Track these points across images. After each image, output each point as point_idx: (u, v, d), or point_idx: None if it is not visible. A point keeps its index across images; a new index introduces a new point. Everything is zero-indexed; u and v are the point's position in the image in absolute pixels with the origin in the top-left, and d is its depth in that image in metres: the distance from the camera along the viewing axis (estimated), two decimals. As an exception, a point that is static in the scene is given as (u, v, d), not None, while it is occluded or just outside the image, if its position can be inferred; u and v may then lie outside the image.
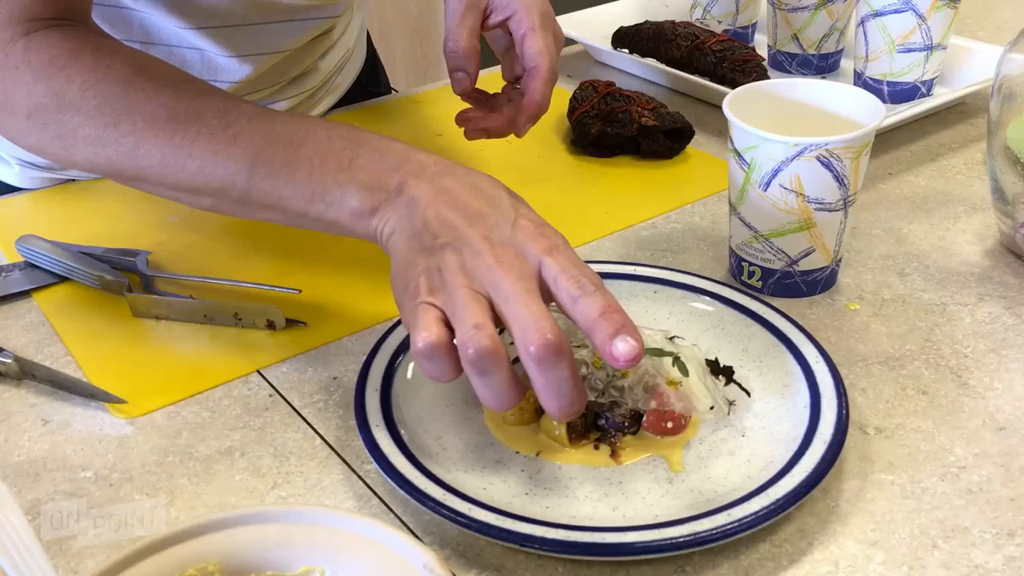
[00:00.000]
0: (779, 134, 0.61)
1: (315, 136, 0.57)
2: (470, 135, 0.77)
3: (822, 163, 0.61)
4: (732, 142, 0.64)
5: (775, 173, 0.62)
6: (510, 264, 0.50)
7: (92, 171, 0.63)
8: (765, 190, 0.63)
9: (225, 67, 0.83)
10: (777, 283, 0.67)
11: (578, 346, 0.55)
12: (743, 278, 0.68)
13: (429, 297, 0.50)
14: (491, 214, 0.52)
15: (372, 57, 1.09)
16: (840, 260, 0.67)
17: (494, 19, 0.74)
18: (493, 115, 0.76)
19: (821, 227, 0.64)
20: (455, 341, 0.48)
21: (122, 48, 0.62)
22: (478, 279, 0.49)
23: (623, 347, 0.47)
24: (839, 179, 0.62)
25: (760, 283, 0.67)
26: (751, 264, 0.67)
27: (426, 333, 0.48)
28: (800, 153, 0.61)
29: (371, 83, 1.08)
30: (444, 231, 0.51)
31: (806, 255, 0.65)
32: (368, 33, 1.09)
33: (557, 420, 0.52)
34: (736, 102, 0.65)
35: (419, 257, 0.51)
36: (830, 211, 0.63)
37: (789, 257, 0.65)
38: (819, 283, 0.67)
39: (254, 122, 0.57)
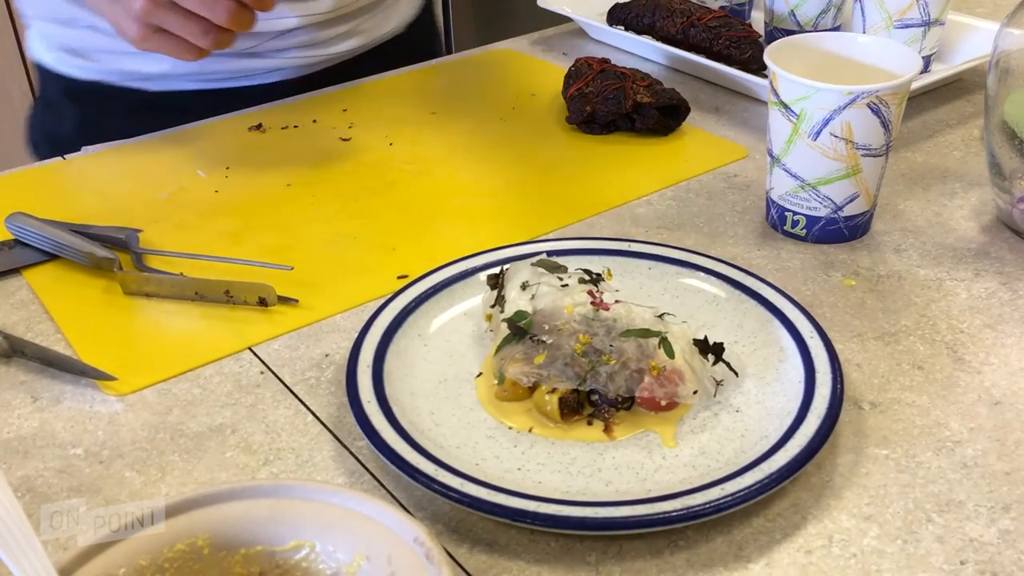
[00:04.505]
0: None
1: None
2: None
3: (872, 110, 0.63)
4: (777, 95, 0.66)
5: (826, 122, 0.64)
6: None
7: None
8: (815, 139, 0.65)
9: None
10: (821, 230, 0.69)
11: (559, 330, 0.55)
12: (786, 227, 0.70)
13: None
14: None
15: (430, 20, 1.06)
16: (876, 204, 0.70)
17: None
18: None
19: (866, 172, 0.66)
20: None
21: None
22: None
23: None
24: (885, 124, 0.65)
25: (804, 231, 0.69)
26: (796, 213, 0.68)
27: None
28: (852, 101, 0.63)
29: (423, 43, 1.05)
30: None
31: (851, 200, 0.67)
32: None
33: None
34: (773, 57, 0.67)
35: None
36: (875, 156, 0.66)
37: (835, 203, 0.67)
38: (859, 227, 0.70)
39: None
